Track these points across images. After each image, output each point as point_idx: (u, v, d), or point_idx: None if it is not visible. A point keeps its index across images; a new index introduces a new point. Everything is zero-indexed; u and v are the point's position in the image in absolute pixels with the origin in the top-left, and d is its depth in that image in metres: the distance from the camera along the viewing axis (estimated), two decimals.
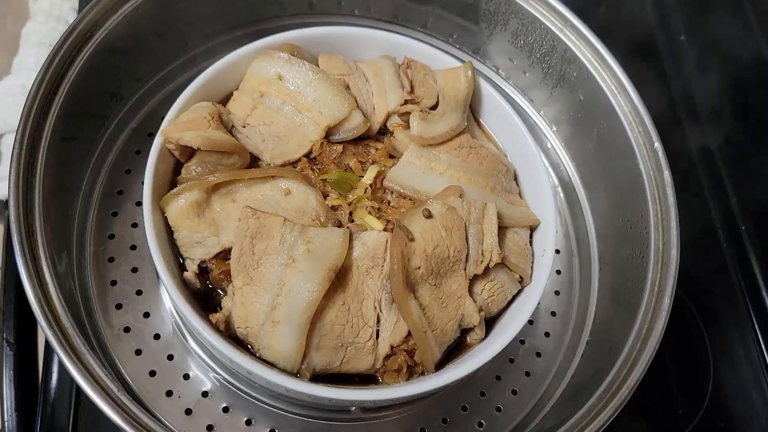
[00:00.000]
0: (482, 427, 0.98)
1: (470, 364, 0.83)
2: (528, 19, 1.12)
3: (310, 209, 0.88)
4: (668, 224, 0.97)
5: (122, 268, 1.00)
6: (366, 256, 0.83)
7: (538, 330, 1.08)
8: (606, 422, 0.84)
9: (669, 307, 0.91)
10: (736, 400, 1.19)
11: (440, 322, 0.85)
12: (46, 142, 0.88)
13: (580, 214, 1.17)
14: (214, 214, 0.87)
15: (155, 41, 1.08)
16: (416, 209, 0.87)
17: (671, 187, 0.99)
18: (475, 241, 0.88)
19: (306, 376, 0.81)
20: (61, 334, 0.77)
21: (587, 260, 1.13)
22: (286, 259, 0.80)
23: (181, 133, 0.86)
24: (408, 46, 1.07)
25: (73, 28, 0.93)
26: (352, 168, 0.95)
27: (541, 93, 1.22)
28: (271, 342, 0.79)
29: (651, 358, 0.88)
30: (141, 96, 1.11)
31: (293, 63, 0.95)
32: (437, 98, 1.02)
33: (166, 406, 0.91)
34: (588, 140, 1.15)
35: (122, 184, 1.06)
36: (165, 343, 0.96)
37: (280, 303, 0.79)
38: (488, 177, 0.97)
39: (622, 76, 1.06)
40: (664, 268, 0.95)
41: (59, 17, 1.31)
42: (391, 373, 0.84)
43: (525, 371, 1.04)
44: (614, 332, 0.98)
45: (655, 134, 1.02)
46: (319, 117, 0.94)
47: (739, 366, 1.22)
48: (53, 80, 0.91)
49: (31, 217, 0.84)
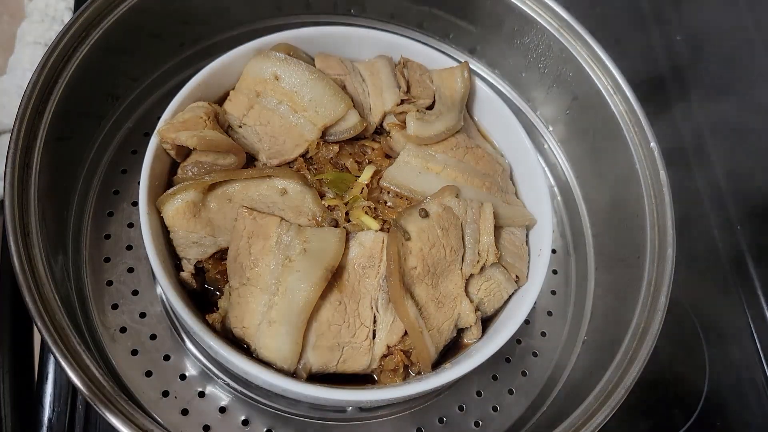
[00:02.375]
0: (479, 426, 0.98)
1: (467, 364, 0.83)
2: (524, 19, 1.12)
3: (307, 209, 0.88)
4: (664, 223, 0.98)
5: (118, 268, 0.99)
6: (362, 256, 0.83)
7: (535, 330, 1.08)
8: (602, 421, 0.84)
9: (665, 307, 0.92)
10: (732, 399, 1.19)
11: (437, 321, 0.85)
12: (42, 142, 0.88)
13: (577, 213, 1.17)
14: (210, 214, 0.87)
15: (151, 41, 1.07)
16: (413, 209, 0.87)
17: (667, 186, 0.99)
18: (471, 240, 0.88)
19: (303, 376, 0.81)
20: (56, 334, 0.77)
21: (583, 260, 1.14)
22: (283, 259, 0.80)
23: (177, 133, 0.86)
24: (404, 46, 1.07)
25: (68, 28, 0.93)
26: (348, 168, 0.95)
27: (538, 93, 1.22)
28: (267, 342, 0.79)
29: (647, 357, 0.88)
30: (137, 96, 1.11)
31: (290, 63, 0.95)
32: (433, 98, 1.02)
33: (162, 406, 0.91)
34: (584, 140, 1.15)
35: (118, 184, 1.06)
36: (161, 344, 0.96)
37: (276, 303, 0.79)
38: (484, 177, 0.97)
39: (618, 76, 1.06)
40: (660, 268, 0.95)
41: (55, 17, 1.31)
42: (387, 373, 0.84)
43: (521, 371, 1.04)
44: (610, 331, 0.98)
45: (651, 134, 1.02)
46: (315, 117, 0.94)
47: (735, 364, 1.22)
48: (49, 80, 0.90)
49: (26, 216, 0.84)
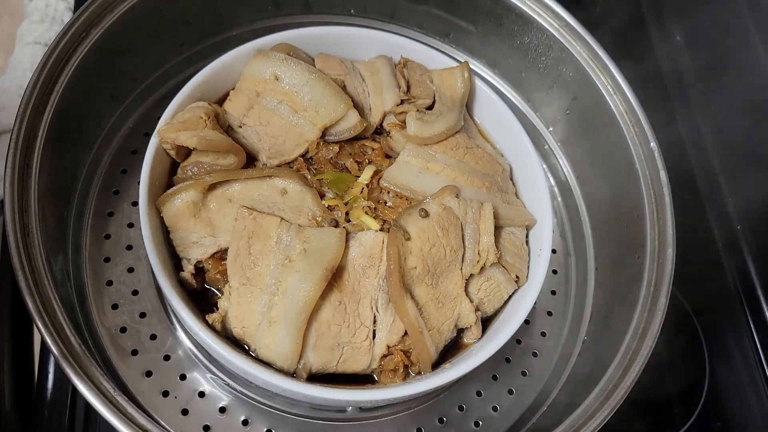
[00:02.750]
0: (479, 426, 0.98)
1: (467, 364, 0.83)
2: (524, 18, 1.12)
3: (307, 209, 0.88)
4: (664, 224, 0.98)
5: (118, 269, 0.99)
6: (362, 256, 0.83)
7: (535, 329, 1.08)
8: (602, 422, 0.84)
9: (665, 307, 0.91)
10: (732, 399, 1.20)
11: (437, 321, 0.85)
12: (42, 142, 0.88)
13: (576, 213, 1.17)
14: (210, 214, 0.87)
15: (151, 41, 1.07)
16: (413, 209, 0.87)
17: (667, 186, 0.99)
18: (471, 240, 0.88)
19: (302, 376, 0.81)
20: (57, 334, 0.77)
21: (583, 260, 1.14)
22: (283, 259, 0.80)
23: (177, 133, 0.86)
24: (404, 46, 1.07)
25: (68, 28, 0.93)
26: (348, 168, 0.95)
27: (538, 93, 1.22)
28: (267, 342, 0.79)
29: (647, 357, 0.88)
30: (137, 96, 1.10)
31: (289, 63, 0.95)
32: (433, 98, 1.02)
33: (162, 406, 0.91)
34: (584, 140, 1.15)
35: (118, 184, 1.06)
36: (161, 344, 0.96)
37: (276, 303, 0.79)
38: (484, 177, 0.97)
39: (618, 76, 1.06)
40: (660, 268, 0.95)
41: (54, 17, 1.31)
42: (387, 373, 0.84)
43: (521, 371, 1.04)
44: (610, 332, 0.98)
45: (651, 134, 1.02)
46: (315, 117, 0.94)
47: (735, 365, 1.22)
48: (49, 80, 0.90)
49: (26, 217, 0.83)
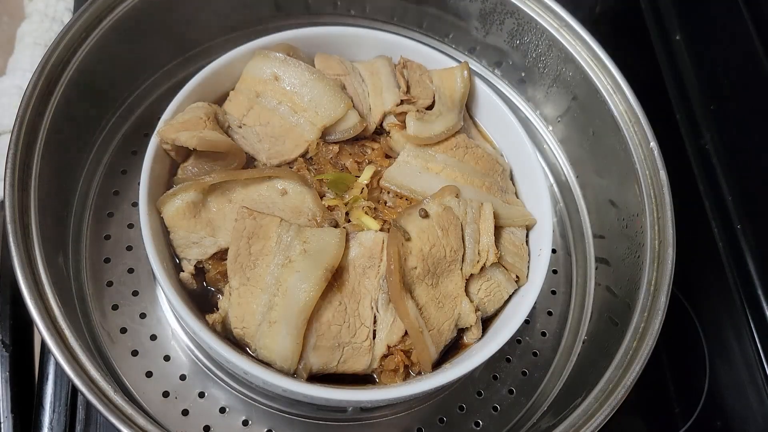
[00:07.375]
0: (479, 426, 0.98)
1: (467, 364, 0.83)
2: (524, 18, 1.12)
3: (307, 209, 0.88)
4: (664, 223, 0.98)
5: (118, 269, 0.99)
6: (363, 256, 0.83)
7: (535, 329, 1.08)
8: (603, 421, 0.84)
9: (665, 306, 0.91)
10: (733, 399, 1.19)
11: (437, 321, 0.85)
12: (42, 143, 0.88)
13: (576, 213, 1.17)
14: (210, 215, 0.87)
15: (151, 41, 1.07)
16: (413, 209, 0.87)
17: (667, 186, 0.99)
18: (471, 240, 0.88)
19: (303, 377, 0.81)
20: (57, 335, 0.77)
21: (583, 259, 1.14)
22: (283, 259, 0.80)
23: (177, 134, 0.86)
24: (404, 46, 1.07)
25: (68, 29, 0.93)
26: (348, 168, 0.95)
27: (537, 93, 1.22)
28: (267, 342, 0.79)
29: (647, 357, 0.88)
30: (137, 96, 1.11)
31: (289, 63, 0.95)
32: (433, 98, 1.02)
33: (162, 407, 0.91)
34: (584, 140, 1.15)
35: (118, 184, 1.06)
36: (161, 344, 0.96)
37: (276, 303, 0.79)
38: (484, 177, 0.97)
39: (618, 76, 1.06)
40: (660, 267, 0.95)
41: (54, 17, 1.31)
42: (388, 373, 0.84)
43: (522, 371, 1.04)
44: (611, 331, 0.98)
45: (651, 134, 1.02)
46: (315, 117, 0.94)
47: (735, 364, 1.22)
48: (49, 81, 0.90)
49: (26, 217, 0.84)
